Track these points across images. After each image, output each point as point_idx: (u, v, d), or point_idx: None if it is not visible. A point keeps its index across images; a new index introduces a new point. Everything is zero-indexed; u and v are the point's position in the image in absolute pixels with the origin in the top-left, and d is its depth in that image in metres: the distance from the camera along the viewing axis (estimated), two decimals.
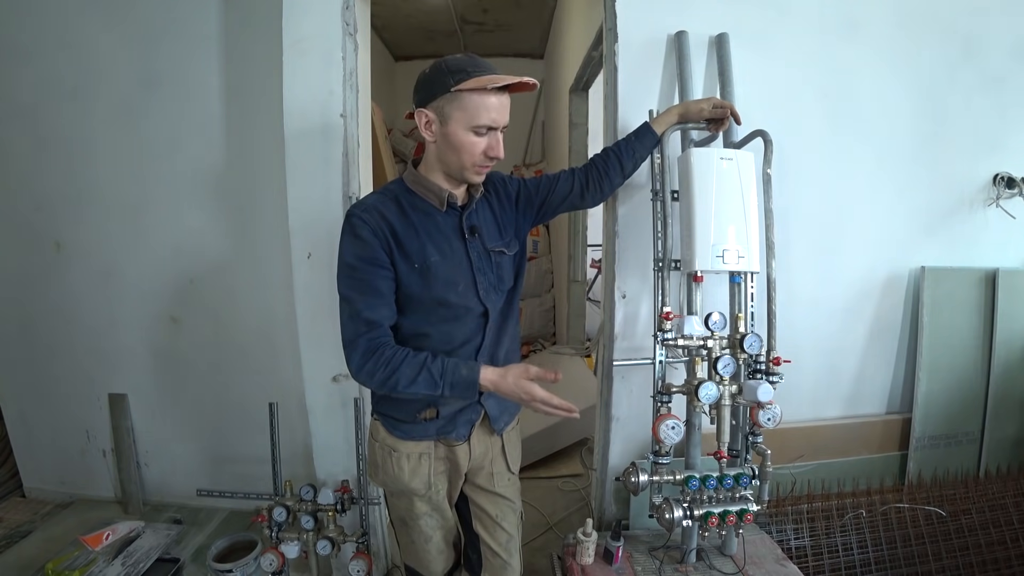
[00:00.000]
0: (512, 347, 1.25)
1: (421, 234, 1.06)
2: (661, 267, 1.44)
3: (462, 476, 1.23)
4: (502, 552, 1.27)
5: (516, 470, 1.31)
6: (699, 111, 1.36)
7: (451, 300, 1.08)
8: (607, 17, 1.59)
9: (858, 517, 1.70)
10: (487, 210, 1.18)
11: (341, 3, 1.51)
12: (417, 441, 1.16)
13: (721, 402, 1.27)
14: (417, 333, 1.10)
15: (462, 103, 0.99)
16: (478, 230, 1.13)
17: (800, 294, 1.72)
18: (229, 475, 2.08)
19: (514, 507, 1.30)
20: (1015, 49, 1.76)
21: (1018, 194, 1.80)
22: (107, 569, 1.69)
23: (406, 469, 1.16)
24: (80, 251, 1.98)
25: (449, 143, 1.03)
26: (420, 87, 1.03)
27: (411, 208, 1.08)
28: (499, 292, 1.16)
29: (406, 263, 1.05)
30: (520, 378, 0.98)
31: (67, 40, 1.84)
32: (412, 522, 1.22)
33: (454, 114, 1.00)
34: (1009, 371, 1.87)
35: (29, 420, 2.17)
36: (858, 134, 1.72)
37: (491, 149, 1.04)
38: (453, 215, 1.11)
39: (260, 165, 1.81)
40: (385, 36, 4.38)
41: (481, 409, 1.18)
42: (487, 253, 1.14)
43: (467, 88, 0.98)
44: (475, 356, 1.14)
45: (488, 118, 1.00)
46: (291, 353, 1.74)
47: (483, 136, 1.02)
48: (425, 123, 1.04)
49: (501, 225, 1.19)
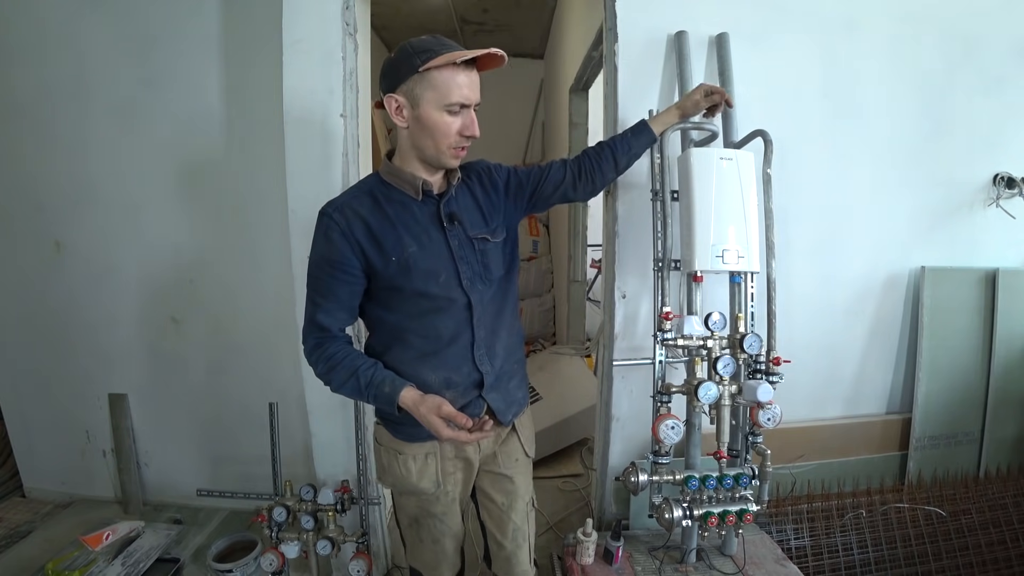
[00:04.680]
0: (513, 342, 1.21)
1: (397, 226, 1.05)
2: (661, 267, 1.44)
3: (475, 470, 1.21)
4: (508, 543, 1.25)
5: (532, 453, 1.28)
6: (695, 104, 1.34)
7: (432, 291, 1.06)
8: (607, 17, 1.59)
9: (858, 517, 1.70)
10: (468, 197, 1.14)
11: (341, 3, 1.51)
12: (422, 442, 1.14)
13: (721, 402, 1.27)
14: (400, 329, 1.09)
15: (432, 82, 0.97)
16: (457, 217, 1.09)
17: (800, 294, 1.72)
18: (229, 475, 2.08)
19: (523, 495, 1.26)
20: (1015, 49, 1.76)
21: (1018, 194, 1.80)
22: (107, 569, 1.69)
23: (413, 470, 1.15)
24: (80, 251, 1.98)
25: (422, 126, 1.00)
26: (386, 72, 1.01)
27: (386, 200, 1.06)
28: (486, 282, 1.12)
29: (382, 258, 1.03)
30: (431, 412, 0.98)
31: (67, 40, 1.84)
32: (422, 521, 1.21)
33: (425, 95, 0.98)
34: (1009, 371, 1.87)
35: (29, 420, 2.17)
36: (858, 134, 1.72)
37: (466, 128, 1.02)
38: (430, 204, 1.08)
39: (260, 165, 1.80)
40: (385, 36, 4.38)
41: (483, 404, 1.15)
42: (469, 241, 1.10)
43: (435, 66, 0.95)
44: (470, 353, 1.11)
45: (460, 95, 0.98)
46: (291, 353, 1.74)
47: (457, 115, 1.00)
48: (396, 108, 1.01)
49: (485, 212, 1.15)
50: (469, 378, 1.13)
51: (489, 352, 1.14)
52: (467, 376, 1.12)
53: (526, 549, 1.28)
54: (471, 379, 1.13)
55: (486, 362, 1.13)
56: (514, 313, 1.22)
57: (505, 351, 1.18)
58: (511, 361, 1.20)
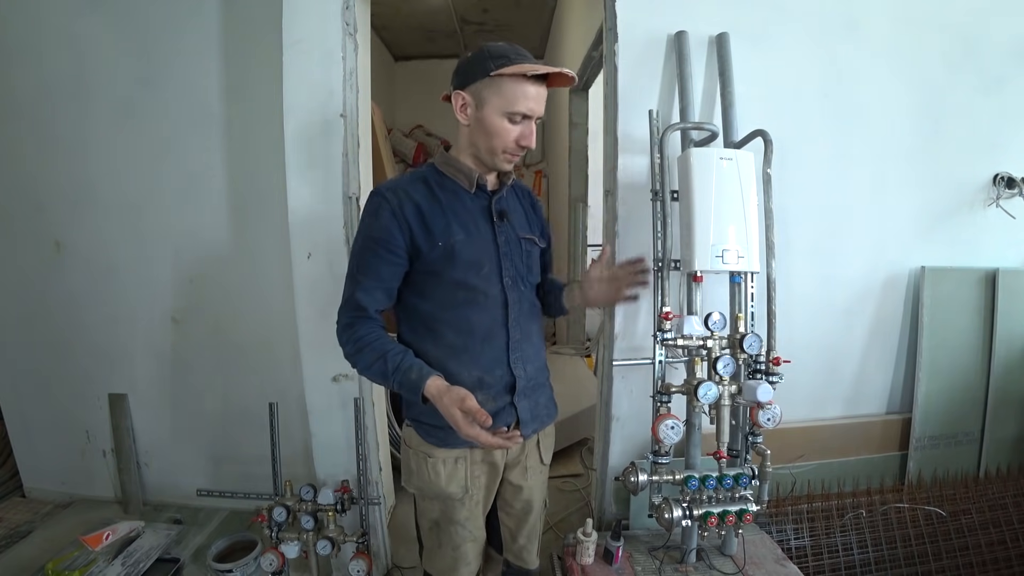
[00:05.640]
0: (542, 355, 1.21)
1: (447, 212, 1.06)
2: (661, 267, 1.44)
3: (499, 475, 1.22)
4: (522, 539, 1.30)
5: (548, 460, 1.30)
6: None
7: (471, 282, 1.07)
8: (607, 17, 1.59)
9: (858, 517, 1.70)
10: (516, 202, 1.19)
11: (341, 3, 1.51)
12: (452, 447, 1.13)
13: (721, 402, 1.27)
14: (433, 319, 1.09)
15: (500, 88, 1.00)
16: (507, 215, 1.13)
17: (800, 294, 1.72)
18: (229, 475, 2.08)
19: (539, 500, 1.29)
20: (1015, 49, 1.76)
21: (1018, 194, 1.80)
22: (107, 569, 1.69)
23: (443, 474, 1.14)
24: (80, 251, 1.98)
25: (483, 127, 1.03)
26: (460, 70, 1.04)
27: (439, 188, 1.09)
28: (527, 283, 1.15)
29: (429, 241, 1.05)
30: (453, 404, 0.95)
31: (67, 40, 1.84)
32: (444, 527, 1.19)
33: (491, 99, 1.01)
34: (1009, 371, 1.87)
35: (29, 420, 2.17)
36: (858, 134, 1.72)
37: (523, 138, 1.04)
38: (482, 197, 1.11)
39: (260, 165, 1.81)
40: (385, 36, 4.38)
41: (514, 412, 1.15)
42: (518, 240, 1.13)
43: (506, 73, 0.98)
44: (505, 355, 1.11)
45: (524, 106, 1.01)
46: (291, 353, 1.74)
47: (517, 124, 1.03)
48: (461, 105, 1.04)
49: (530, 221, 1.20)
50: (502, 381, 1.12)
51: (523, 356, 1.15)
52: (500, 378, 1.12)
53: (536, 543, 1.33)
54: (504, 382, 1.13)
55: (520, 365, 1.14)
56: (540, 331, 1.23)
57: (537, 358, 1.19)
58: (542, 372, 1.22)
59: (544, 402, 1.23)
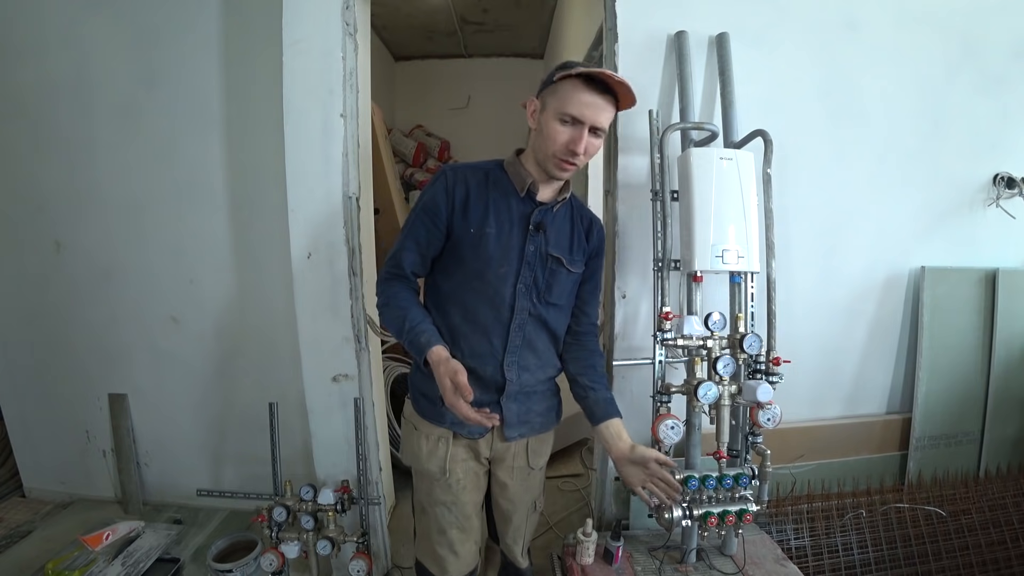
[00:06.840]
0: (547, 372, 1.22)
1: (490, 205, 1.12)
2: (661, 267, 1.44)
3: (485, 466, 1.24)
4: (507, 538, 1.36)
5: (537, 465, 1.31)
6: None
7: (487, 276, 1.11)
8: (607, 17, 1.59)
9: (858, 517, 1.70)
10: (566, 222, 1.19)
11: (341, 3, 1.51)
12: (436, 424, 1.18)
13: (720, 402, 1.27)
14: (448, 299, 1.15)
15: (556, 91, 1.05)
16: (544, 228, 1.14)
17: (800, 294, 1.72)
18: (229, 475, 2.08)
19: (524, 502, 1.32)
20: (1015, 49, 1.76)
21: (1018, 194, 1.80)
22: (107, 569, 1.69)
23: (424, 449, 1.19)
24: (80, 251, 1.98)
25: (540, 129, 1.09)
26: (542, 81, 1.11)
27: (493, 183, 1.14)
28: (543, 301, 1.16)
29: (463, 224, 1.10)
30: (446, 375, 1.00)
31: (67, 40, 1.84)
32: (429, 508, 1.23)
33: (550, 102, 1.06)
34: (1009, 371, 1.87)
35: (29, 420, 2.17)
36: (858, 134, 1.72)
37: (573, 142, 1.05)
38: (528, 204, 1.14)
39: (260, 165, 1.80)
40: (385, 36, 4.38)
41: (499, 410, 1.16)
42: (545, 255, 1.15)
43: (565, 76, 1.02)
44: (501, 356, 1.14)
45: (576, 109, 1.03)
46: (291, 353, 1.74)
47: (568, 126, 1.05)
48: (531, 111, 1.11)
49: (573, 245, 1.19)
50: (492, 379, 1.16)
51: (520, 362, 1.17)
52: (491, 376, 1.15)
53: (521, 544, 1.38)
54: (494, 380, 1.16)
55: (514, 369, 1.16)
56: (549, 348, 1.23)
57: (539, 371, 1.20)
58: (542, 383, 1.23)
59: (539, 411, 1.24)
